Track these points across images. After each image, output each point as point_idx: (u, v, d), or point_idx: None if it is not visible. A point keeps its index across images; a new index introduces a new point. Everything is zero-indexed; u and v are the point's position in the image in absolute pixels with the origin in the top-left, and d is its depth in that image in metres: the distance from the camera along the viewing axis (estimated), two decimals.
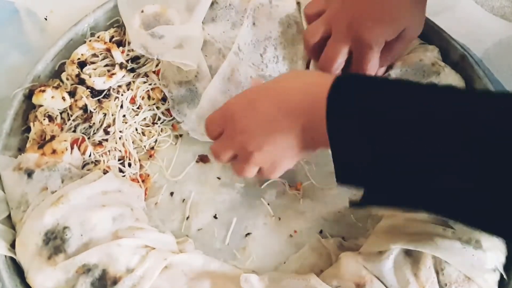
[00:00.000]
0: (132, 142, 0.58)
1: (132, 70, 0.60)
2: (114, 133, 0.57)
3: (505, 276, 0.47)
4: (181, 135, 0.61)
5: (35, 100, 0.56)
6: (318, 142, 0.41)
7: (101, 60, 0.60)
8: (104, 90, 0.58)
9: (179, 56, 0.57)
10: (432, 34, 0.61)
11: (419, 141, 0.34)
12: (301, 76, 0.44)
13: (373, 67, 0.53)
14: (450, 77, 0.58)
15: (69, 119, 0.56)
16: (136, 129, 0.59)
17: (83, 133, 0.56)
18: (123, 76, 0.59)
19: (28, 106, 0.57)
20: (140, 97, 0.59)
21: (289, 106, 0.41)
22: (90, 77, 0.57)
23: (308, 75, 0.44)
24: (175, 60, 0.57)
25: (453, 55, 0.60)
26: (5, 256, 0.48)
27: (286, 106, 0.42)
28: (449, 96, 0.36)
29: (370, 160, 0.36)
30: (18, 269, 0.49)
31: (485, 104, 0.34)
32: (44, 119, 0.55)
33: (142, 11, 0.60)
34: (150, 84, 0.60)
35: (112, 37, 0.61)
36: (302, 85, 0.42)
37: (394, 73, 0.58)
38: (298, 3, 0.63)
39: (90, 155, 0.54)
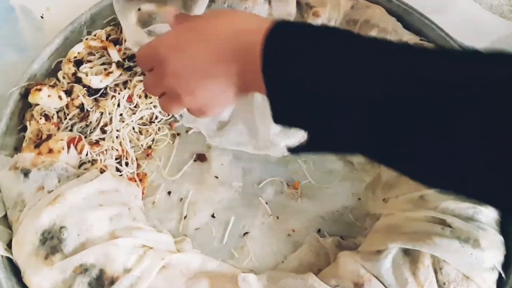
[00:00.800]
0: (129, 141, 0.58)
1: (129, 68, 0.59)
2: (111, 132, 0.57)
3: (503, 275, 0.46)
4: (178, 134, 0.61)
5: (31, 99, 0.55)
6: (251, 88, 0.41)
7: (97, 59, 0.59)
8: (101, 89, 0.57)
9: None
10: (430, 32, 0.61)
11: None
12: (231, 17, 0.43)
13: None
14: None
15: (65, 118, 0.56)
16: (133, 128, 0.59)
17: (80, 132, 0.56)
18: (120, 75, 0.58)
19: (24, 105, 0.57)
20: (137, 95, 0.58)
21: (221, 52, 0.40)
22: (86, 75, 0.57)
23: (237, 17, 0.43)
24: None
25: None
26: (2, 256, 0.48)
27: (217, 51, 0.41)
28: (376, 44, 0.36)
29: (305, 107, 0.36)
30: (15, 269, 0.48)
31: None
32: (40, 118, 0.55)
33: (139, 9, 0.59)
34: None
35: (109, 35, 0.61)
36: (234, 29, 0.41)
37: None
38: (299, 3, 0.63)
39: (87, 154, 0.54)
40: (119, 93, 0.58)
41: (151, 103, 0.60)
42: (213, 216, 0.56)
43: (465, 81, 0.32)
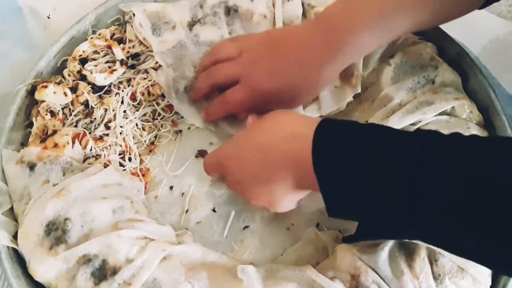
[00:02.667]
0: (133, 137, 0.59)
1: (132, 66, 0.61)
2: (114, 128, 0.58)
3: None
4: (180, 131, 0.62)
5: (37, 95, 0.57)
6: (308, 187, 0.46)
7: (102, 57, 0.61)
8: (105, 86, 0.59)
9: None
10: (428, 31, 0.61)
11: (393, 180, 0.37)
12: (282, 123, 0.47)
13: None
14: (446, 74, 0.59)
15: (70, 114, 0.57)
16: (137, 125, 0.60)
17: (84, 128, 0.57)
18: (123, 73, 0.60)
19: (31, 101, 0.58)
20: (140, 93, 0.60)
21: (277, 160, 0.45)
22: (91, 73, 0.58)
23: (288, 122, 0.46)
24: None
25: (449, 52, 0.61)
26: (8, 247, 0.49)
27: (273, 160, 0.45)
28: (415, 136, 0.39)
29: (357, 200, 0.40)
30: (20, 260, 0.50)
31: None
32: (46, 114, 0.56)
33: (145, 10, 0.61)
34: (150, 81, 0.60)
35: (113, 34, 0.62)
36: (285, 136, 0.45)
37: (393, 62, 0.59)
38: (302, 4, 0.64)
39: (91, 149, 0.55)
40: (122, 91, 0.59)
41: (154, 100, 0.61)
42: (214, 210, 0.57)
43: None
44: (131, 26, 0.61)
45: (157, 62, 0.61)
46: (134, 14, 0.61)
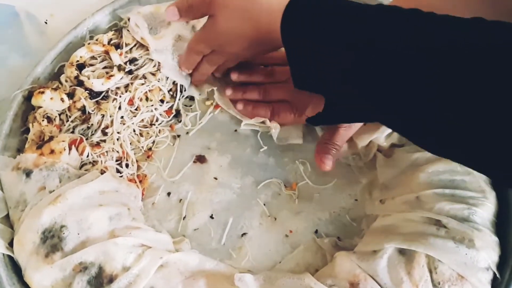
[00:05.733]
0: (130, 143, 0.59)
1: (130, 72, 0.60)
2: (112, 134, 0.58)
3: (498, 275, 0.47)
4: (178, 136, 0.62)
5: (34, 101, 0.57)
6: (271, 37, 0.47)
7: (99, 62, 0.60)
8: (102, 92, 0.59)
9: None
10: None
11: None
12: None
13: None
14: None
15: (67, 120, 0.57)
16: (134, 130, 0.60)
17: (81, 134, 0.57)
18: (121, 78, 0.59)
19: (27, 107, 0.58)
20: (138, 98, 0.60)
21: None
22: (88, 79, 0.58)
23: None
24: None
25: None
26: (3, 254, 0.49)
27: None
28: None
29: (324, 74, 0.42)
30: (15, 267, 0.49)
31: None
32: (43, 120, 0.56)
33: (139, 13, 0.61)
34: (148, 86, 0.60)
35: (111, 39, 0.62)
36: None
37: None
38: None
39: (88, 156, 0.55)
40: (120, 96, 0.59)
41: (152, 105, 0.61)
42: (211, 217, 0.56)
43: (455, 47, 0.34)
44: (127, 30, 0.61)
45: (154, 66, 0.61)
46: (129, 19, 0.61)
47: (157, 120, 0.61)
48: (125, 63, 0.61)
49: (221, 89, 0.63)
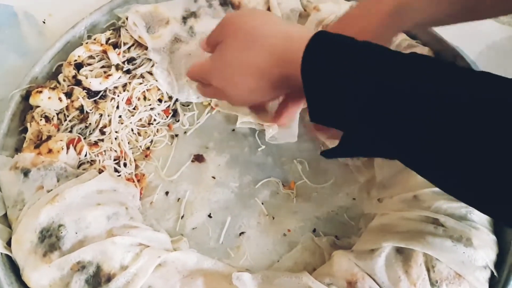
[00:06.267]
0: (128, 143, 0.59)
1: (128, 71, 0.60)
2: (110, 133, 0.58)
3: (495, 274, 0.47)
4: (176, 135, 0.62)
5: (32, 101, 0.57)
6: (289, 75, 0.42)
7: (97, 62, 0.61)
8: (100, 91, 0.59)
9: None
10: (425, 35, 0.61)
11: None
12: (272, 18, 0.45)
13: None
14: None
15: (65, 120, 0.57)
16: (132, 130, 0.60)
17: (79, 133, 0.57)
18: (119, 77, 0.59)
19: (25, 107, 0.58)
20: (136, 98, 0.60)
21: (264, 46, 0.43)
22: (86, 78, 0.58)
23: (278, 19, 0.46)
24: None
25: (446, 56, 0.61)
26: (1, 253, 0.49)
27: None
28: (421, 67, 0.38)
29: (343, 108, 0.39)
30: (13, 267, 0.49)
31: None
32: (41, 120, 0.56)
33: (137, 11, 0.61)
34: (146, 85, 0.60)
35: (108, 39, 0.62)
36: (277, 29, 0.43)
37: None
38: None
39: (85, 155, 0.55)
40: (118, 95, 0.59)
41: (150, 105, 0.61)
42: (209, 216, 0.56)
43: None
44: (126, 30, 0.61)
45: (152, 65, 0.61)
46: (127, 18, 0.61)
47: (155, 120, 0.61)
48: (123, 62, 0.61)
49: None
